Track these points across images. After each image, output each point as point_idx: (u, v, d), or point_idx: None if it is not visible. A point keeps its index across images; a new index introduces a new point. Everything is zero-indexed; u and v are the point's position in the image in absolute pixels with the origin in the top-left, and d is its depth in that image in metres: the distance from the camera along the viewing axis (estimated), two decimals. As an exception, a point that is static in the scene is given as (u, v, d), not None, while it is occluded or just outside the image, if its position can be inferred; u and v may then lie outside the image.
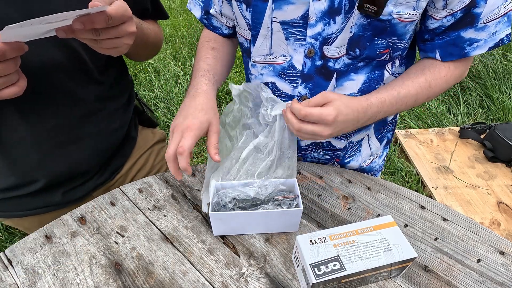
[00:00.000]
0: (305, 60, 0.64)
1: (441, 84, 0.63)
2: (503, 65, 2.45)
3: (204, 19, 0.76)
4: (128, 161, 0.86)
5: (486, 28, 0.56)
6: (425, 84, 0.62)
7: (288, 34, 0.62)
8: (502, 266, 0.57)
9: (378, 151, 0.85)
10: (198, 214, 0.67)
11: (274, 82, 0.70)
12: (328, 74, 0.64)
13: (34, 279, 0.56)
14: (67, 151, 0.70)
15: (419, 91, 0.62)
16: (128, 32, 0.51)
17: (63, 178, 0.73)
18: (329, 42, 0.60)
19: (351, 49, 0.60)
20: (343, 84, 0.65)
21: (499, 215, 1.54)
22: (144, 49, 0.77)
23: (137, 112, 0.90)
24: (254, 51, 0.68)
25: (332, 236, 0.54)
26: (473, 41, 0.58)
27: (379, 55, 0.61)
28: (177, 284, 0.55)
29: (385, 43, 0.60)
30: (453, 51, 0.60)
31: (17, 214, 0.75)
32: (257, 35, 0.65)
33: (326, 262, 0.50)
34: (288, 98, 0.71)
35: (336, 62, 0.62)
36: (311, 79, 0.66)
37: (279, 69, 0.68)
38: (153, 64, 3.10)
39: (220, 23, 0.75)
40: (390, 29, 0.57)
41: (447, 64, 0.62)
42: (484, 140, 1.87)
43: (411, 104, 0.63)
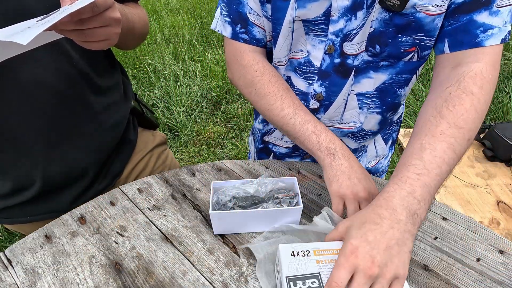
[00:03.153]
0: (324, 57, 0.61)
1: (473, 117, 0.49)
2: (502, 65, 2.46)
3: (242, 34, 0.63)
4: (128, 165, 0.84)
5: (499, 13, 0.48)
6: (451, 131, 0.48)
7: (309, 30, 0.59)
8: (501, 265, 0.57)
9: (384, 152, 0.83)
10: (198, 214, 0.67)
11: (290, 77, 0.67)
12: (346, 72, 0.61)
13: (34, 279, 0.56)
14: (60, 151, 0.68)
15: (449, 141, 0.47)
16: (113, 18, 0.50)
17: (60, 180, 0.72)
18: (349, 39, 0.57)
19: (370, 45, 0.56)
20: (360, 81, 0.62)
21: (498, 214, 1.54)
22: (131, 36, 0.73)
23: (136, 114, 0.88)
24: (276, 53, 0.64)
25: (317, 251, 0.49)
26: (487, 28, 0.48)
27: (404, 53, 0.56)
28: (177, 284, 0.55)
29: (411, 40, 0.54)
30: (464, 39, 0.50)
31: (21, 220, 0.75)
32: (277, 37, 0.61)
33: (305, 277, 0.46)
34: (302, 95, 0.67)
35: (355, 59, 0.59)
36: (328, 77, 0.63)
37: (295, 64, 0.65)
38: (152, 64, 3.10)
39: (263, 32, 0.63)
40: (415, 24, 0.51)
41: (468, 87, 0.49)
42: (484, 139, 1.87)
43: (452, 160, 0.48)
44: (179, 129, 2.39)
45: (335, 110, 0.67)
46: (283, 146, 0.82)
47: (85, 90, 0.68)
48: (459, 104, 0.48)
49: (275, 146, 0.84)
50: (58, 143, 0.68)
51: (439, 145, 0.47)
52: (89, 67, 0.68)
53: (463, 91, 0.49)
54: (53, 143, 0.67)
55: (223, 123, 2.47)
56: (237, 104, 2.58)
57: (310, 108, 0.68)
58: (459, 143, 0.48)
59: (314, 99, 0.67)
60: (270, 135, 0.83)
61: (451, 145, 0.47)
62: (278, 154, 0.85)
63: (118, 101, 0.78)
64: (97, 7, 0.45)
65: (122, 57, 3.28)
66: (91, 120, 0.71)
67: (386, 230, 0.43)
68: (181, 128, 2.39)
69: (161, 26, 3.94)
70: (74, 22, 0.45)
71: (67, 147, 0.69)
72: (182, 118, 2.45)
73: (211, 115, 2.57)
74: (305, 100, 0.68)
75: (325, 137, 0.58)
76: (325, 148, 0.57)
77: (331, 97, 0.65)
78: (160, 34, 3.74)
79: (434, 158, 0.47)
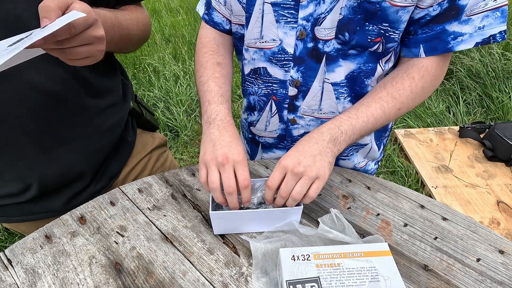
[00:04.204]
0: (297, 43, 0.64)
1: (407, 94, 0.61)
2: (502, 65, 2.45)
3: (206, 15, 0.74)
4: (126, 167, 0.83)
5: (469, 21, 0.55)
6: (387, 97, 0.61)
7: (279, 16, 0.62)
8: (501, 265, 0.57)
9: (375, 155, 0.85)
10: (198, 214, 0.67)
11: (266, 67, 0.70)
12: (319, 56, 0.64)
13: (34, 279, 0.56)
14: (56, 154, 0.67)
15: (382, 104, 0.61)
16: (95, 36, 0.47)
17: (57, 183, 0.71)
18: (319, 23, 0.60)
19: (340, 32, 0.60)
20: (334, 70, 0.65)
21: (498, 214, 1.54)
22: (127, 43, 0.72)
23: (135, 115, 0.87)
24: (247, 34, 0.68)
25: (317, 255, 0.50)
26: (457, 35, 0.56)
27: (371, 43, 0.60)
28: (177, 284, 0.55)
29: (377, 30, 0.58)
30: (437, 45, 0.58)
31: (16, 219, 0.74)
32: (249, 18, 0.66)
33: (304, 281, 0.47)
34: (280, 84, 0.71)
35: (325, 45, 0.62)
36: (303, 62, 0.66)
37: (269, 54, 0.68)
38: (152, 64, 3.10)
39: (222, 17, 0.73)
40: (380, 13, 0.56)
41: (411, 74, 0.61)
42: (484, 139, 1.87)
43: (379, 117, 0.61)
44: (179, 129, 2.39)
45: (313, 97, 0.70)
46: (268, 136, 0.84)
47: (81, 93, 0.67)
48: (400, 82, 0.61)
49: (261, 137, 0.86)
50: (53, 146, 0.67)
51: (374, 104, 0.61)
52: (87, 70, 0.67)
53: (407, 75, 0.62)
54: (48, 146, 0.66)
55: (223, 123, 2.47)
56: (237, 104, 2.58)
57: (289, 95, 0.71)
58: (390, 107, 0.61)
59: (292, 86, 0.70)
60: (254, 127, 0.85)
61: (382, 107, 0.61)
62: (265, 144, 0.87)
63: (116, 103, 0.77)
64: (74, 28, 0.43)
65: (122, 57, 3.28)
66: (87, 123, 0.70)
67: (312, 144, 0.57)
68: (181, 128, 2.39)
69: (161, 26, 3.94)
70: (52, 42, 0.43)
71: (62, 150, 0.68)
72: (182, 118, 2.45)
73: (211, 115, 2.56)
74: (283, 88, 0.71)
75: (214, 108, 0.63)
76: (208, 116, 0.63)
77: (308, 82, 0.68)
78: (160, 34, 3.74)
79: (366, 111, 0.60)
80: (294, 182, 0.55)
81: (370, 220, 0.65)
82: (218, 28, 0.74)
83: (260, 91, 0.75)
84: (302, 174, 0.54)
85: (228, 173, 0.56)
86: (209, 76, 0.68)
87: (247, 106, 0.83)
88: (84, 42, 0.46)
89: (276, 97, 0.74)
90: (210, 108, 0.63)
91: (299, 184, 0.55)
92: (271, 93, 0.74)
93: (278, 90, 0.72)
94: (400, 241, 0.61)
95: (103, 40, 0.49)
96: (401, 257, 0.58)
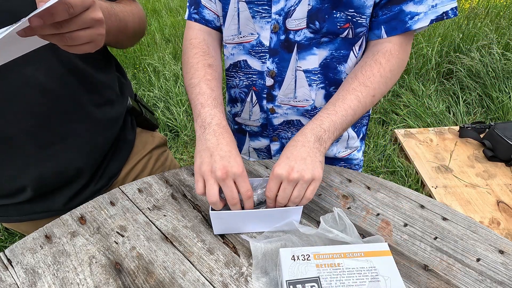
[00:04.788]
0: (271, 36, 0.67)
1: (378, 80, 0.63)
2: (502, 65, 2.45)
3: (194, 14, 0.73)
4: (125, 166, 0.83)
5: (423, 1, 0.59)
6: (360, 87, 0.63)
7: (254, 12, 0.65)
8: (501, 265, 0.57)
9: (355, 143, 0.87)
10: (198, 214, 0.67)
11: (246, 60, 0.73)
12: (290, 47, 0.67)
13: (34, 279, 0.56)
14: (52, 151, 0.67)
15: (357, 94, 0.62)
16: (94, 19, 0.46)
17: (55, 181, 0.70)
18: (289, 15, 0.64)
19: (311, 21, 0.63)
20: (306, 58, 0.68)
21: (498, 214, 1.54)
22: (124, 36, 0.71)
23: (135, 113, 0.86)
24: (224, 32, 0.71)
25: (317, 255, 0.50)
26: (413, 15, 0.60)
27: (341, 30, 0.64)
28: (177, 284, 0.55)
29: (344, 16, 0.62)
30: (396, 25, 0.62)
31: (15, 219, 0.74)
32: (225, 16, 0.68)
33: (304, 281, 0.47)
34: (259, 75, 0.74)
35: (296, 34, 0.66)
36: (277, 54, 0.69)
37: (248, 47, 0.71)
38: (152, 64, 3.10)
39: (213, 15, 0.73)
40: (346, 1, 0.59)
41: (378, 59, 0.63)
42: (484, 139, 1.87)
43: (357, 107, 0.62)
44: (179, 129, 2.39)
45: (287, 86, 0.74)
46: (253, 125, 0.87)
47: (77, 88, 0.67)
48: (369, 70, 0.63)
49: (247, 126, 0.88)
50: (50, 143, 0.66)
51: (349, 96, 0.62)
52: (83, 63, 0.66)
53: (374, 61, 0.64)
54: (45, 144, 0.65)
55: (223, 123, 2.47)
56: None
57: (266, 85, 0.75)
58: (364, 96, 0.63)
59: (269, 76, 0.73)
60: (239, 117, 0.88)
61: (358, 97, 0.62)
62: (252, 132, 0.90)
63: (113, 100, 0.76)
64: (72, 8, 0.41)
65: (122, 57, 3.28)
66: (83, 119, 0.69)
67: (299, 148, 0.57)
68: (181, 128, 2.39)
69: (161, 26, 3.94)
70: (51, 25, 0.41)
71: (59, 147, 0.67)
72: (182, 118, 2.45)
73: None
74: (261, 78, 0.75)
75: (208, 111, 0.61)
76: (202, 120, 0.61)
77: (282, 72, 0.72)
78: (160, 34, 3.74)
79: (343, 104, 0.62)
80: (291, 188, 0.56)
81: (370, 220, 0.65)
82: (211, 25, 0.74)
83: (242, 83, 0.78)
84: (297, 179, 0.55)
85: (230, 187, 0.55)
86: (200, 78, 0.66)
87: (229, 99, 0.86)
88: (84, 25, 0.45)
89: (255, 87, 0.77)
90: (204, 112, 0.61)
91: (297, 189, 0.56)
92: (251, 84, 0.77)
93: (257, 81, 0.76)
94: (400, 241, 0.61)
95: (102, 23, 0.48)
96: (401, 257, 0.58)
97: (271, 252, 0.58)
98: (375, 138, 2.15)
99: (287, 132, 0.84)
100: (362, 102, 0.63)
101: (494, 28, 2.76)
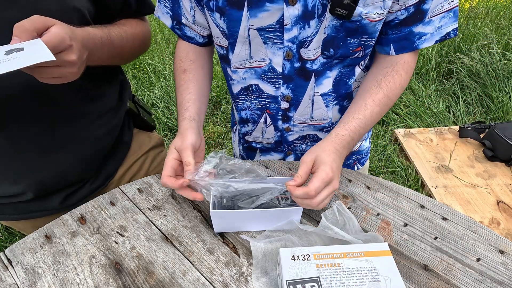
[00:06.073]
0: (284, 63, 0.66)
1: (398, 93, 0.67)
2: (502, 65, 2.45)
3: (177, 29, 0.74)
4: (122, 167, 0.84)
5: (431, 22, 0.61)
6: (385, 99, 0.66)
7: (266, 39, 0.63)
8: (501, 265, 0.57)
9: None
10: (198, 214, 0.67)
11: (258, 84, 0.72)
12: (307, 75, 0.67)
13: (34, 279, 0.56)
14: (52, 158, 0.68)
15: (382, 107, 0.66)
16: (67, 61, 0.49)
17: (53, 186, 0.71)
18: (305, 45, 0.62)
19: (325, 49, 0.63)
20: (322, 83, 0.69)
21: (498, 214, 1.54)
22: (118, 59, 0.73)
23: (132, 115, 0.86)
24: (234, 58, 0.69)
25: (317, 255, 0.50)
26: (421, 35, 0.63)
27: (353, 53, 0.65)
28: (177, 284, 0.55)
29: (357, 42, 0.63)
30: (405, 45, 0.64)
31: (12, 217, 0.75)
32: (235, 43, 0.66)
33: (304, 281, 0.47)
34: (272, 99, 0.73)
35: (313, 63, 0.65)
36: (292, 80, 0.68)
37: (260, 72, 0.69)
38: (152, 64, 3.09)
39: (194, 32, 0.73)
40: (361, 29, 0.60)
41: (399, 71, 0.66)
42: (484, 139, 1.87)
43: (378, 119, 0.67)
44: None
45: (304, 108, 0.73)
46: (266, 142, 0.86)
47: (82, 98, 0.68)
48: (393, 81, 0.66)
49: (259, 143, 0.88)
50: (51, 149, 0.67)
51: (376, 109, 0.65)
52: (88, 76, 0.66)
53: (395, 73, 0.66)
54: (47, 150, 0.66)
55: (223, 123, 2.47)
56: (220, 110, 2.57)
57: (281, 108, 0.74)
58: (385, 109, 0.67)
59: (284, 100, 0.72)
60: (250, 136, 0.86)
61: (381, 109, 0.66)
62: (263, 148, 0.89)
63: (114, 106, 0.77)
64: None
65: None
66: (86, 127, 0.71)
67: (338, 159, 0.61)
68: (181, 128, 2.38)
69: (161, 26, 3.94)
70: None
71: (60, 153, 0.68)
72: (182, 118, 2.44)
73: (211, 115, 2.57)
74: (275, 102, 0.74)
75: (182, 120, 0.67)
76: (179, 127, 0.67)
77: (298, 97, 0.71)
78: (160, 34, 3.74)
79: (371, 116, 0.65)
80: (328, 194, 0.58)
81: (370, 220, 0.65)
82: (192, 41, 0.75)
83: (254, 105, 0.77)
84: (335, 190, 0.59)
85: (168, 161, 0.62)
86: (177, 88, 0.72)
87: (240, 120, 0.84)
88: (55, 64, 0.48)
89: (269, 110, 0.76)
90: (179, 122, 0.68)
91: (328, 198, 0.58)
92: (264, 107, 0.76)
93: (271, 105, 0.74)
94: (400, 241, 0.61)
95: (74, 64, 0.51)
96: (401, 257, 0.58)
97: (271, 252, 0.58)
98: (375, 138, 2.15)
99: (302, 145, 0.83)
100: (382, 114, 0.67)
101: (494, 28, 2.76)
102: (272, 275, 0.55)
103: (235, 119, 0.88)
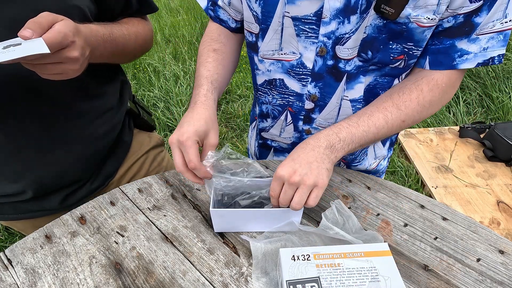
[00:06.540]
0: (316, 59, 0.62)
1: (413, 107, 0.59)
2: (502, 65, 2.46)
3: (211, 11, 0.72)
4: (122, 167, 0.84)
5: (477, 40, 0.54)
6: (392, 108, 0.59)
7: (300, 30, 0.59)
8: (501, 265, 0.57)
9: (382, 153, 0.84)
10: (198, 214, 0.67)
11: (283, 79, 0.68)
12: (339, 75, 0.63)
13: (34, 279, 0.56)
14: (52, 157, 0.68)
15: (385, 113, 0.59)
16: (69, 57, 0.49)
17: (52, 186, 0.71)
18: (341, 42, 0.58)
19: (363, 51, 0.58)
20: (354, 87, 0.64)
21: (498, 214, 1.54)
22: (122, 57, 0.73)
23: (132, 115, 0.87)
24: (263, 46, 0.66)
25: (317, 255, 0.50)
26: (463, 53, 0.55)
27: (393, 61, 0.59)
28: (177, 284, 0.55)
29: (401, 48, 0.57)
30: (442, 60, 0.57)
31: (12, 217, 0.75)
32: (266, 29, 0.63)
33: (304, 281, 0.47)
34: (297, 97, 0.69)
35: (347, 64, 0.60)
36: (322, 79, 0.64)
37: (288, 66, 0.66)
38: (152, 64, 3.10)
39: (228, 16, 0.71)
40: (406, 34, 0.54)
41: (420, 85, 0.59)
42: (484, 139, 1.87)
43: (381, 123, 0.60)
44: (179, 129, 2.38)
45: (330, 112, 0.69)
46: (283, 142, 0.82)
47: (79, 96, 0.68)
48: (408, 93, 0.59)
49: (275, 141, 0.85)
50: (51, 148, 0.67)
51: (377, 114, 0.59)
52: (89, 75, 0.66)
53: (415, 86, 0.59)
54: (45, 148, 0.66)
55: (223, 123, 2.47)
56: (237, 104, 2.58)
57: (305, 108, 0.70)
58: (393, 118, 0.59)
59: (309, 100, 0.68)
60: (267, 132, 0.84)
61: (386, 117, 0.59)
62: (278, 148, 0.86)
63: (114, 106, 0.77)
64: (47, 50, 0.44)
65: (122, 57, 3.27)
66: (85, 126, 0.70)
67: (308, 151, 0.55)
68: (181, 128, 2.38)
69: (161, 26, 3.94)
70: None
71: (59, 152, 0.68)
72: (182, 118, 2.44)
73: (211, 115, 2.56)
74: (299, 101, 0.70)
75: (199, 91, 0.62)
76: (193, 99, 0.62)
77: (325, 98, 0.67)
78: (160, 34, 3.74)
79: (368, 120, 0.59)
80: (292, 192, 0.54)
81: (370, 220, 0.65)
82: (224, 25, 0.73)
83: (275, 101, 0.74)
84: (299, 183, 0.53)
85: (174, 154, 0.57)
86: (202, 62, 0.68)
87: (260, 114, 0.81)
88: (57, 60, 0.48)
89: (292, 108, 0.72)
90: (195, 93, 0.63)
91: (298, 194, 0.54)
92: (286, 105, 0.72)
93: (294, 103, 0.71)
94: (400, 241, 0.61)
95: (76, 61, 0.51)
96: (401, 257, 0.58)
97: (271, 252, 0.58)
98: (375, 138, 2.15)
99: None
100: (389, 124, 0.59)
101: (494, 28, 2.75)
102: (272, 275, 0.55)
103: (255, 113, 0.86)
